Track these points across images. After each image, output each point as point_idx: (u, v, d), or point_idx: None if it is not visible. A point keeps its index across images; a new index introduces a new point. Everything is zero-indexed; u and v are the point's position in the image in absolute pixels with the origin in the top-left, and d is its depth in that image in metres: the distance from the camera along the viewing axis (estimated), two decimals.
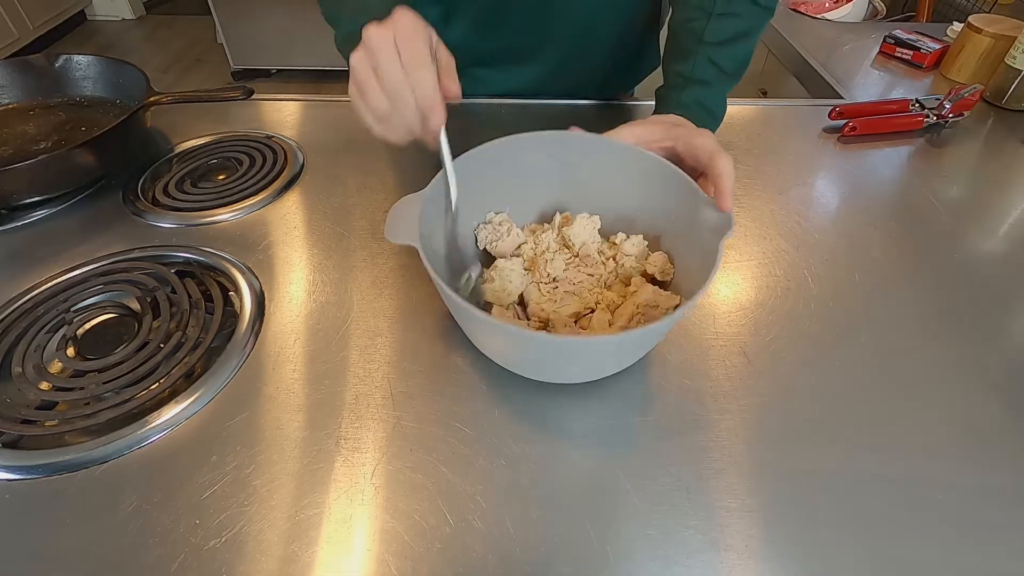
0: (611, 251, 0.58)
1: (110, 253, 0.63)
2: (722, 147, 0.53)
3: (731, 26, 0.64)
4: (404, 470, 0.45)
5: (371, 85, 0.46)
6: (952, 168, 0.80)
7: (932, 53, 1.06)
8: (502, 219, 0.59)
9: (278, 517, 0.42)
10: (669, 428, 0.49)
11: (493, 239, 0.58)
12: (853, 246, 0.66)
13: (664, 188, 0.54)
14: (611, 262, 0.57)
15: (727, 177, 0.51)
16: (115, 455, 0.46)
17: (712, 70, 0.64)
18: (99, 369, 0.52)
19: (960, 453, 0.47)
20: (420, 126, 0.48)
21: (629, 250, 0.56)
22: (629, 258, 0.56)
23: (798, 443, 0.48)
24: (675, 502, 0.44)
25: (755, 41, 0.67)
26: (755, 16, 0.66)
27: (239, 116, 0.87)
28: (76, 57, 0.83)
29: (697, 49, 0.64)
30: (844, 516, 0.43)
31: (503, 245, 0.58)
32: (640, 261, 0.56)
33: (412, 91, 0.45)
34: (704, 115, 0.63)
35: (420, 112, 0.46)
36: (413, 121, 0.47)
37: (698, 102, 0.63)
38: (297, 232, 0.67)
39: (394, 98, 0.46)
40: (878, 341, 0.56)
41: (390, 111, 0.47)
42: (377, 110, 0.47)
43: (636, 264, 0.56)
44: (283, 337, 0.55)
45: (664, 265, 0.55)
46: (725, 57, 0.64)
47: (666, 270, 0.55)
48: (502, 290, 0.54)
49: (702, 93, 0.64)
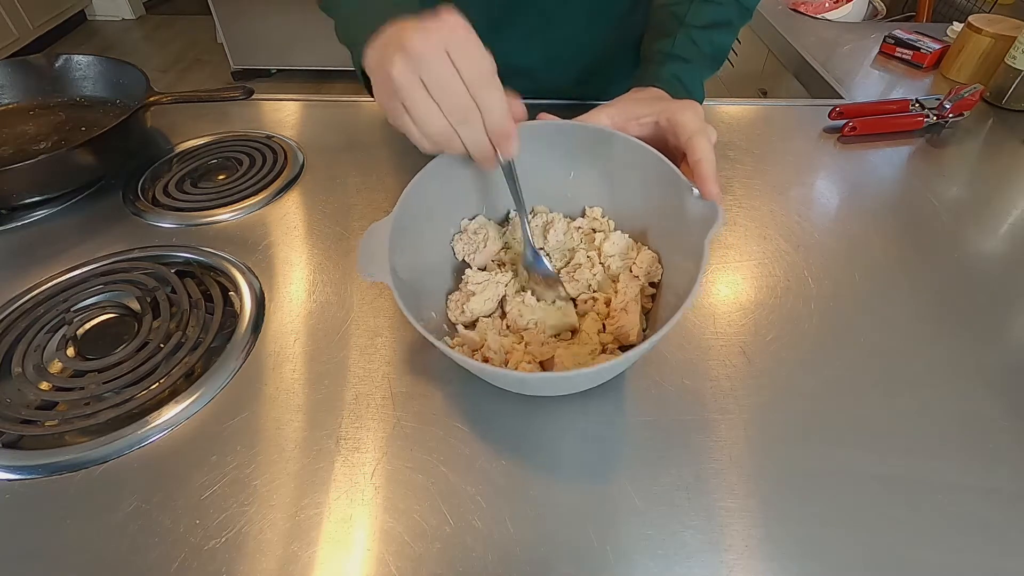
0: (593, 252, 0.55)
1: (110, 253, 0.63)
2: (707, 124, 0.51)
3: (712, 12, 0.65)
4: (404, 470, 0.45)
5: (422, 101, 0.40)
6: (952, 168, 0.80)
7: (932, 53, 1.06)
8: (478, 226, 0.57)
9: (278, 517, 0.42)
10: (669, 428, 0.49)
11: (470, 251, 0.56)
12: (853, 246, 0.66)
13: (644, 175, 0.51)
14: (597, 265, 0.54)
15: (706, 163, 0.47)
16: (115, 455, 0.46)
17: (693, 49, 0.64)
18: (99, 369, 0.52)
19: (960, 453, 0.47)
20: (490, 151, 0.43)
21: (610, 250, 0.54)
22: (613, 258, 0.54)
23: (798, 443, 0.48)
24: (675, 502, 0.44)
25: (734, 33, 0.68)
26: (735, 9, 0.67)
27: (239, 116, 0.87)
28: (76, 57, 0.83)
29: (678, 29, 0.64)
30: (844, 516, 0.43)
31: (481, 256, 0.56)
32: (625, 259, 0.54)
33: (481, 113, 0.41)
34: (681, 91, 0.61)
35: (492, 138, 0.42)
36: (482, 146, 0.42)
37: (676, 77, 0.62)
38: (297, 232, 0.67)
39: (459, 121, 0.41)
40: (878, 341, 0.56)
41: (447, 131, 0.42)
42: (431, 130, 0.42)
43: (622, 263, 0.54)
44: (283, 337, 0.55)
45: (651, 266, 0.52)
46: (705, 39, 0.64)
47: (653, 271, 0.53)
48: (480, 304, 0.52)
49: (681, 69, 0.62)
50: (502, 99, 0.41)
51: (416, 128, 0.42)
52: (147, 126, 0.80)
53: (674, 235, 0.51)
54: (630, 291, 0.51)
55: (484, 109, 0.41)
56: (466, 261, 0.56)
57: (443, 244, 0.56)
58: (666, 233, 0.53)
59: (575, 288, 0.54)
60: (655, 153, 0.50)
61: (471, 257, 0.56)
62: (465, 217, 0.58)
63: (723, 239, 0.67)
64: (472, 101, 0.40)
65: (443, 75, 0.39)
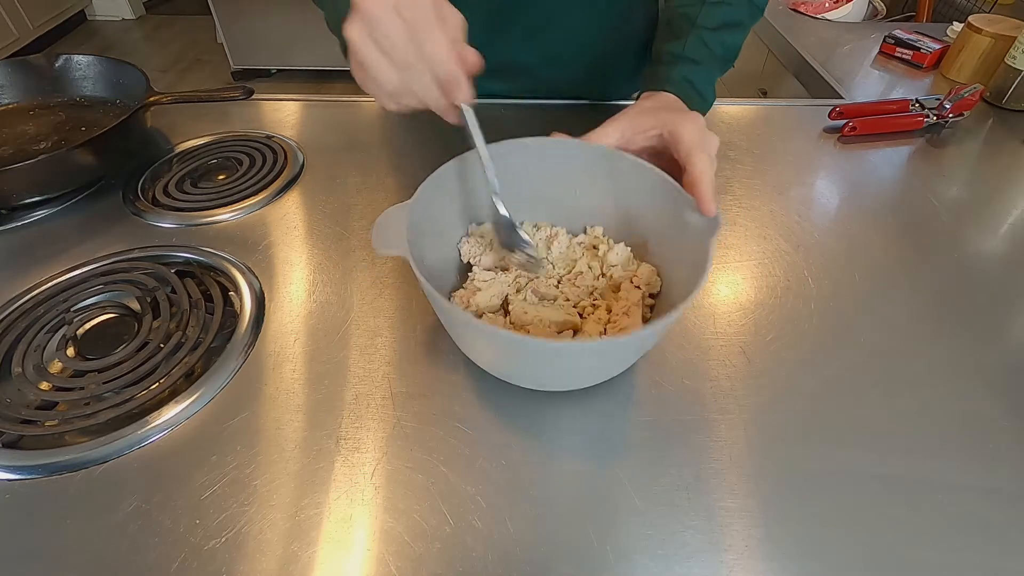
0: (595, 261, 0.57)
1: (110, 253, 0.63)
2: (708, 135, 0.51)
3: (724, 13, 0.65)
4: (404, 470, 0.45)
5: (374, 58, 0.41)
6: (952, 168, 0.80)
7: (932, 53, 1.06)
8: (485, 231, 0.58)
9: (278, 517, 0.42)
10: (669, 428, 0.49)
11: (477, 252, 0.56)
12: (853, 246, 0.66)
13: (647, 194, 0.53)
14: (600, 278, 0.56)
15: (703, 184, 0.48)
16: (115, 455, 0.46)
17: (704, 51, 0.64)
18: (99, 369, 0.52)
19: (960, 453, 0.47)
20: (441, 100, 0.43)
21: (614, 260, 0.56)
22: (615, 268, 0.55)
23: (798, 443, 0.48)
24: (675, 502, 0.44)
25: (745, 33, 0.68)
26: (747, 9, 0.67)
27: (239, 116, 0.87)
28: (76, 57, 0.83)
29: (690, 31, 0.65)
30: (844, 516, 0.43)
31: (487, 259, 0.56)
32: (627, 269, 0.56)
33: (424, 60, 0.41)
34: (692, 94, 0.62)
35: (439, 84, 0.42)
36: (431, 95, 0.43)
37: (687, 79, 0.62)
38: (297, 232, 0.67)
39: (404, 70, 0.41)
40: (878, 341, 0.56)
41: (402, 86, 0.42)
42: (387, 87, 0.42)
43: (624, 273, 0.55)
44: (283, 337, 0.55)
45: (650, 278, 0.53)
46: (716, 41, 0.65)
47: (652, 282, 0.53)
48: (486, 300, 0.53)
49: (692, 71, 0.63)
50: (443, 46, 0.41)
51: (377, 88, 0.43)
52: (147, 126, 0.80)
53: (674, 245, 0.52)
54: (632, 297, 0.52)
55: (427, 58, 0.41)
56: (471, 263, 0.57)
57: (450, 246, 0.57)
58: (666, 244, 0.54)
59: (575, 294, 0.54)
60: (659, 174, 0.52)
61: (477, 259, 0.56)
62: (474, 222, 0.59)
63: (723, 239, 0.67)
64: (414, 48, 0.40)
65: (390, 30, 0.40)
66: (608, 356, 0.46)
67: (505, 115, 0.86)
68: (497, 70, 0.86)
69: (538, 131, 0.55)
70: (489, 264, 0.57)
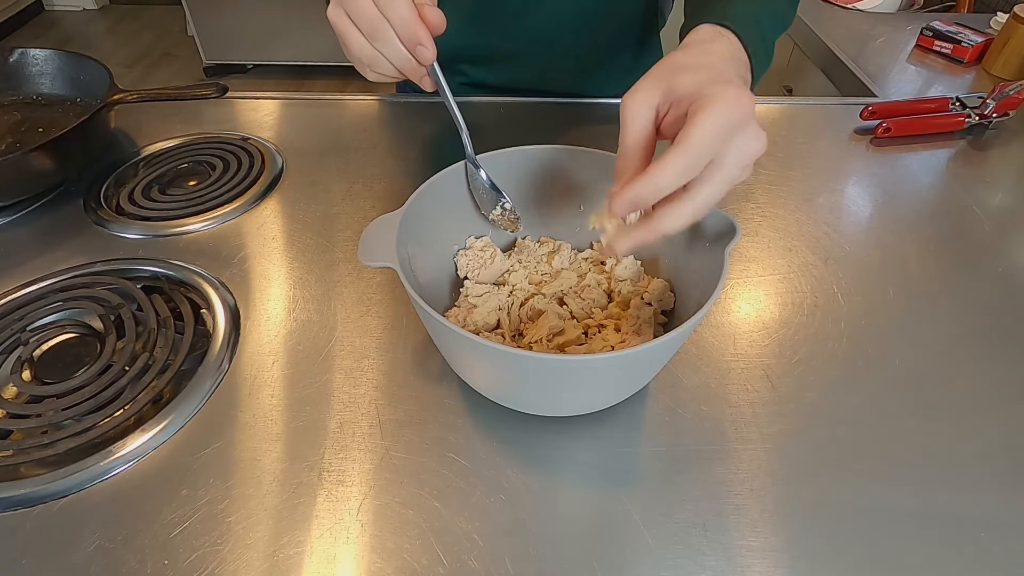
0: (602, 276, 0.58)
1: (70, 267, 0.64)
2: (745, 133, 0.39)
3: None
4: (393, 505, 0.46)
5: (350, 32, 0.47)
6: (996, 173, 0.81)
7: (974, 47, 1.07)
8: (484, 243, 0.59)
9: (254, 557, 0.43)
10: (685, 459, 0.49)
11: (475, 266, 0.58)
12: (887, 259, 0.67)
13: None
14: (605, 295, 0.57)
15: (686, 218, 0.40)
16: (76, 489, 0.47)
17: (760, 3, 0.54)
18: (58, 394, 0.52)
19: (1004, 487, 0.48)
20: (411, 63, 0.48)
21: (622, 274, 0.57)
22: (624, 283, 0.57)
23: (826, 476, 0.48)
24: (691, 541, 0.44)
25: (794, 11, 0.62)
26: None
27: (212, 116, 0.89)
28: (32, 51, 0.84)
29: None
30: (877, 556, 0.44)
31: (486, 273, 0.57)
32: (636, 284, 0.57)
33: (391, 26, 0.46)
34: (757, 38, 0.50)
35: (406, 47, 0.47)
36: (401, 59, 0.48)
37: (753, 17, 0.51)
38: (275, 244, 0.68)
39: (374, 38, 0.47)
40: (914, 364, 0.57)
41: (374, 54, 0.48)
42: (363, 57, 0.48)
43: (633, 288, 0.57)
44: (260, 359, 0.56)
45: (663, 294, 0.55)
46: None
47: (665, 299, 0.55)
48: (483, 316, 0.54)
49: (758, 8, 0.52)
50: (404, 8, 0.45)
51: (355, 60, 0.49)
52: (111, 127, 0.81)
53: (688, 257, 0.53)
54: (643, 314, 0.52)
55: (390, 21, 0.45)
56: (468, 277, 0.58)
57: (444, 260, 0.59)
58: (679, 256, 0.55)
59: (581, 307, 0.55)
60: None
61: (475, 273, 0.58)
62: (471, 235, 0.60)
63: (744, 251, 0.68)
64: (380, 15, 0.45)
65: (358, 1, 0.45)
66: (619, 372, 0.46)
67: (504, 116, 0.88)
68: (486, 57, 0.90)
69: (538, 131, 0.56)
70: (489, 279, 0.58)
